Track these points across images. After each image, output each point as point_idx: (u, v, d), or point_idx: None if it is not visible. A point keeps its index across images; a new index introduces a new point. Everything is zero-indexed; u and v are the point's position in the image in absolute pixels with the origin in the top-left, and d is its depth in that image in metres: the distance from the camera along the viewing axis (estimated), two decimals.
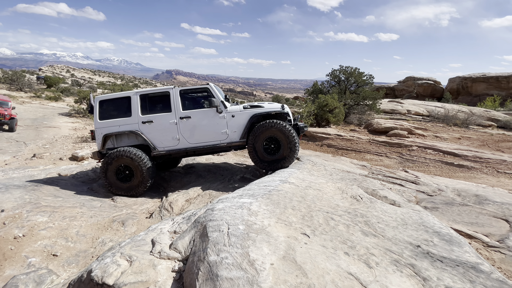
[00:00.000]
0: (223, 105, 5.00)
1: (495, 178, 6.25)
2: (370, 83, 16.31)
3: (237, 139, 5.03)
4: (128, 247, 2.39)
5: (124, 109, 5.12)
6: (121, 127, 5.09)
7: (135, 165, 4.90)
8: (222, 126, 5.02)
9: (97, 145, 5.22)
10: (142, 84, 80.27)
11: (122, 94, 5.22)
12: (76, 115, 17.72)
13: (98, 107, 5.13)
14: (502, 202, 3.78)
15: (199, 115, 5.02)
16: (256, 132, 4.87)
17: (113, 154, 4.92)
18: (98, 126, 5.13)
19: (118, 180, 5.05)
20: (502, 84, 32.61)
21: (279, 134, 4.84)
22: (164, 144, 5.08)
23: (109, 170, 4.98)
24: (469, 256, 2.17)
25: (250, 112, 5.03)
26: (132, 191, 5.01)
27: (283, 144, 4.87)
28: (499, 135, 11.51)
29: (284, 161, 4.92)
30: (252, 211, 2.56)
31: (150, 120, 5.03)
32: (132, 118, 5.07)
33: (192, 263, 1.95)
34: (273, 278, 1.65)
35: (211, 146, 5.07)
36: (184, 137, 5.04)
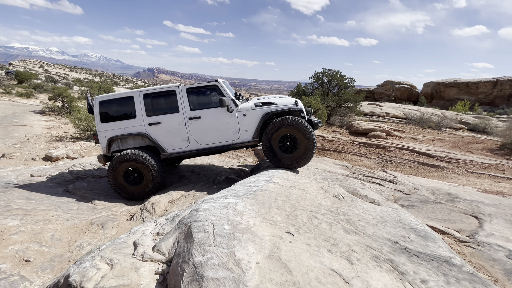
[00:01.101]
0: (234, 103, 4.76)
1: (465, 178, 6.65)
2: (351, 86, 16.80)
3: (250, 138, 4.81)
4: (109, 250, 2.31)
5: (127, 110, 4.82)
6: (126, 130, 4.80)
7: (144, 167, 4.68)
8: (233, 125, 4.78)
9: (101, 149, 4.92)
10: (122, 82, 77.68)
11: (124, 94, 4.90)
12: (50, 113, 16.86)
13: (99, 109, 4.80)
14: (472, 200, 4.03)
15: (209, 115, 4.77)
16: (271, 130, 4.64)
17: (120, 157, 4.66)
18: (101, 129, 4.81)
19: (127, 183, 4.81)
20: (472, 90, 34.76)
21: (296, 131, 4.60)
22: (173, 146, 4.83)
23: (117, 173, 4.72)
24: (443, 251, 2.30)
25: (262, 110, 4.79)
26: (142, 194, 4.81)
27: (301, 141, 4.63)
28: (468, 137, 12.25)
29: (302, 160, 4.68)
30: (238, 211, 2.56)
31: (158, 121, 4.75)
32: (137, 119, 4.78)
33: (177, 265, 1.93)
34: (258, 277, 1.67)
35: (223, 146, 4.84)
36: (195, 139, 4.80)
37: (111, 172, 4.72)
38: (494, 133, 13.36)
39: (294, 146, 4.72)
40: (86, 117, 11.81)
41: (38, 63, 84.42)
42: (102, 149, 4.92)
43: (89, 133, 11.84)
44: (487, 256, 2.67)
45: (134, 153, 4.66)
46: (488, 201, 4.04)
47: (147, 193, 4.82)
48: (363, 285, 1.74)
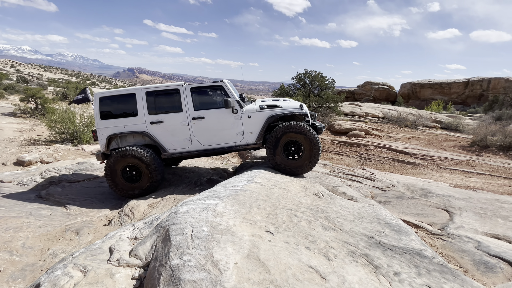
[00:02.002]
0: (239, 105, 4.69)
1: (438, 174, 6.98)
2: (332, 87, 17.18)
3: (253, 141, 4.74)
4: (82, 256, 2.23)
5: (129, 107, 4.68)
6: (127, 128, 4.68)
7: (143, 165, 4.56)
8: (237, 127, 4.70)
9: (100, 146, 4.76)
10: (100, 82, 75.02)
11: (126, 91, 4.76)
12: (22, 115, 15.99)
13: (99, 105, 4.65)
14: (444, 195, 4.23)
15: (213, 115, 4.68)
16: (276, 134, 4.55)
17: (119, 153, 4.53)
18: (100, 126, 4.68)
19: (124, 181, 4.67)
20: (445, 90, 36.55)
21: (301, 137, 4.52)
22: (175, 146, 4.73)
23: (115, 170, 4.59)
24: (415, 244, 2.41)
25: (267, 113, 4.72)
26: (139, 192, 4.68)
27: (305, 148, 4.54)
28: (442, 135, 12.87)
29: (307, 166, 4.58)
30: (218, 212, 2.55)
31: (160, 120, 4.65)
32: (138, 117, 4.66)
33: (154, 269, 1.89)
34: (236, 277, 1.67)
35: (225, 148, 4.78)
36: (197, 139, 4.71)
37: (109, 169, 4.60)
38: (466, 131, 14.12)
39: (298, 151, 4.66)
40: (62, 119, 11.32)
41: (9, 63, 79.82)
42: (100, 147, 4.79)
43: (65, 135, 11.36)
44: (457, 247, 2.82)
45: (134, 150, 4.54)
46: (459, 195, 4.26)
47: (144, 192, 4.71)
48: (339, 280, 1.79)
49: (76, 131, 11.27)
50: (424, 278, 1.93)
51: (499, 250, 2.68)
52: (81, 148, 10.23)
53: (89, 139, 11.38)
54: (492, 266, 2.47)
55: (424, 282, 1.89)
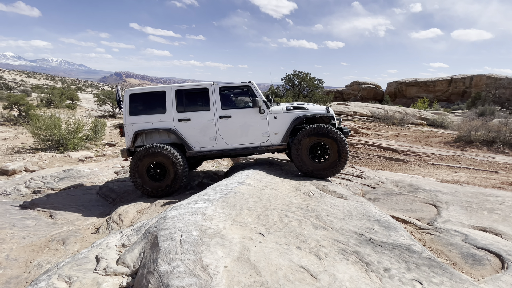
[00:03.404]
0: (266, 105, 4.73)
1: (425, 169, 7.12)
2: (320, 87, 17.38)
3: (278, 142, 4.76)
4: (68, 267, 2.16)
5: (157, 104, 4.71)
6: (154, 124, 4.70)
7: (169, 163, 4.52)
8: (263, 127, 4.74)
9: (126, 142, 4.75)
10: (87, 87, 73.41)
11: (157, 88, 4.81)
12: (5, 123, 15.49)
13: (129, 101, 4.71)
14: (431, 190, 4.32)
15: (240, 115, 4.72)
16: (303, 136, 4.51)
17: (146, 150, 4.49)
18: (128, 122, 4.71)
19: (149, 179, 4.64)
20: (430, 88, 37.51)
21: (329, 140, 4.47)
22: (200, 144, 4.74)
23: (140, 168, 4.56)
24: (404, 239, 2.44)
25: (293, 114, 4.73)
26: (163, 190, 4.64)
27: (333, 151, 4.48)
28: (428, 131, 13.17)
29: (333, 169, 4.51)
30: (207, 215, 2.52)
31: (188, 118, 4.68)
32: (167, 114, 4.69)
33: (142, 276, 1.84)
34: (226, 281, 1.64)
35: (250, 148, 4.79)
36: (223, 138, 4.73)
37: (135, 165, 4.58)
38: (451, 127, 14.50)
39: (324, 154, 4.61)
40: (47, 126, 11.01)
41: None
42: (126, 143, 4.78)
43: (50, 143, 11.05)
44: (445, 241, 2.86)
45: (162, 147, 4.52)
46: (445, 190, 4.35)
47: (167, 191, 4.66)
48: (330, 279, 1.79)
49: (62, 137, 10.98)
50: (413, 273, 1.95)
51: (486, 242, 2.74)
52: (68, 155, 9.97)
53: (75, 145, 11.11)
54: (480, 259, 2.52)
55: (414, 277, 1.90)
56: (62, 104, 24.06)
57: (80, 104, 27.46)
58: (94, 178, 6.47)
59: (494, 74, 33.84)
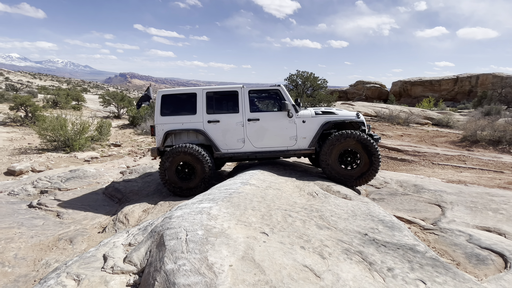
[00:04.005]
0: (295, 109, 4.73)
1: (430, 169, 7.08)
2: (324, 87, 17.33)
3: (306, 146, 4.72)
4: (76, 265, 2.21)
5: (188, 106, 4.85)
6: (184, 125, 4.84)
7: (199, 163, 4.65)
8: (291, 131, 4.74)
9: (156, 142, 4.90)
10: (92, 88, 74.09)
11: (188, 90, 4.95)
12: (12, 123, 15.74)
13: (161, 102, 4.85)
14: (436, 190, 4.30)
15: (268, 118, 4.77)
16: (334, 141, 4.42)
17: (176, 149, 4.62)
18: (159, 122, 4.85)
19: (178, 178, 4.76)
20: (435, 87, 37.14)
21: (361, 147, 4.38)
22: (228, 146, 4.82)
23: (170, 167, 4.70)
24: (408, 239, 2.44)
25: (322, 118, 4.69)
26: (191, 190, 4.74)
27: (364, 158, 4.39)
28: (433, 131, 13.07)
29: (364, 177, 4.40)
30: (212, 215, 2.55)
31: (217, 120, 4.78)
32: (197, 116, 4.81)
33: (148, 274, 1.88)
34: (231, 279, 1.67)
35: (277, 152, 4.82)
36: (250, 141, 4.80)
37: (165, 164, 4.71)
38: (456, 126, 14.36)
39: (354, 161, 4.55)
40: (53, 126, 11.16)
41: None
42: (156, 143, 4.92)
43: (56, 143, 11.20)
44: (449, 241, 2.86)
45: (192, 147, 4.63)
46: (450, 190, 4.33)
47: (195, 191, 4.73)
48: (334, 278, 1.81)
49: (68, 138, 11.12)
50: (417, 273, 1.96)
51: (490, 242, 2.73)
52: (74, 156, 10.10)
53: (81, 146, 11.24)
54: (484, 259, 2.52)
55: (417, 277, 1.91)
56: (68, 105, 24.36)
57: (86, 105, 27.77)
58: (100, 178, 6.56)
59: (500, 73, 33.42)
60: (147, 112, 18.59)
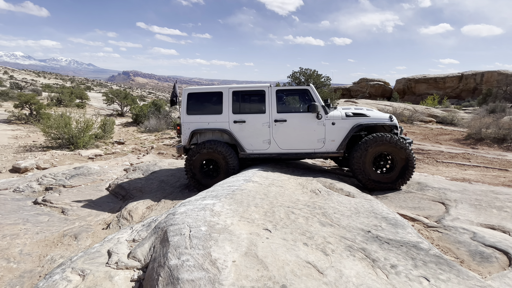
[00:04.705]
0: (324, 110, 4.57)
1: (434, 167, 7.04)
2: (327, 85, 17.22)
3: (334, 149, 4.57)
4: (81, 261, 2.23)
5: (214, 105, 4.82)
6: (210, 124, 4.81)
7: (224, 161, 4.68)
8: (319, 133, 4.58)
9: (182, 140, 4.91)
10: (96, 86, 74.44)
11: (214, 89, 4.93)
12: (17, 121, 15.89)
13: (187, 100, 4.83)
14: (439, 188, 4.27)
15: (295, 119, 4.63)
16: (369, 145, 4.28)
17: (199, 148, 4.67)
18: (185, 121, 4.86)
19: (203, 175, 4.82)
20: (440, 85, 36.80)
21: (396, 151, 4.26)
22: (253, 147, 4.78)
23: (195, 166, 4.77)
24: (411, 237, 2.43)
25: (354, 121, 4.50)
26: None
27: (398, 162, 4.29)
28: (437, 129, 12.97)
29: (398, 182, 4.30)
30: (215, 211, 2.56)
31: (243, 120, 4.72)
32: (223, 115, 4.77)
33: (152, 270, 1.89)
34: (235, 275, 1.68)
35: (303, 154, 4.72)
36: (276, 142, 4.70)
37: (191, 160, 4.76)
38: (461, 124, 14.23)
39: (386, 165, 4.48)
40: (57, 124, 11.25)
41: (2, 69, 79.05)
42: (182, 141, 4.94)
43: (61, 141, 11.30)
44: (453, 239, 2.85)
45: (219, 145, 4.66)
46: (454, 188, 4.30)
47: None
48: (337, 274, 1.81)
49: (72, 136, 11.21)
50: (420, 270, 1.96)
51: (494, 240, 2.71)
52: (78, 153, 10.18)
53: (85, 143, 11.33)
54: (488, 256, 2.50)
55: (421, 274, 1.91)
56: (71, 103, 24.53)
57: (89, 103, 27.93)
58: (104, 175, 6.61)
59: (505, 70, 32.99)
60: (150, 110, 18.64)
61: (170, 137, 13.59)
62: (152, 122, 16.16)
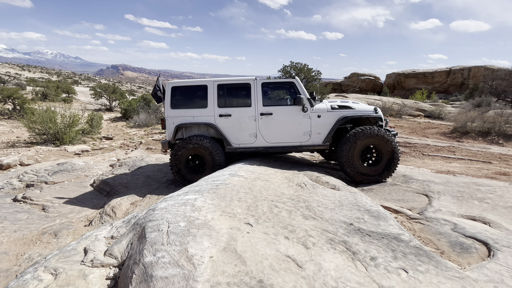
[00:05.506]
0: (310, 103, 4.57)
1: (421, 160, 7.14)
2: (318, 79, 17.23)
3: (320, 142, 4.60)
4: (55, 259, 2.15)
5: (199, 98, 4.71)
6: (195, 119, 4.73)
7: (210, 156, 4.59)
8: (305, 126, 4.59)
9: (167, 135, 4.80)
10: (83, 81, 72.59)
11: (199, 82, 4.80)
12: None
13: (171, 94, 4.72)
14: (424, 180, 4.32)
15: (281, 112, 4.62)
16: (358, 138, 4.30)
17: (185, 143, 4.57)
18: (170, 115, 4.74)
19: (188, 171, 4.72)
20: (428, 79, 37.32)
21: (383, 144, 4.31)
22: (239, 141, 4.72)
23: (180, 161, 4.67)
24: (393, 229, 2.44)
25: (339, 113, 4.54)
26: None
27: (385, 155, 4.36)
28: (425, 123, 13.16)
29: (384, 174, 4.37)
30: (196, 206, 2.51)
31: (228, 114, 4.66)
32: (208, 109, 4.69)
33: (127, 267, 1.84)
34: (211, 271, 1.64)
35: (290, 147, 4.71)
36: (262, 135, 4.67)
37: (175, 156, 4.65)
38: (447, 118, 14.49)
39: (372, 158, 4.52)
40: (42, 119, 10.91)
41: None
42: (167, 136, 4.83)
43: (46, 136, 10.97)
44: (434, 230, 2.88)
45: (204, 140, 4.57)
46: (438, 180, 4.36)
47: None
48: (316, 268, 1.79)
49: (57, 131, 10.89)
50: (399, 262, 1.96)
51: (474, 231, 2.75)
52: (64, 149, 9.91)
53: (72, 139, 11.04)
54: (468, 247, 2.53)
55: (400, 265, 1.91)
56: (57, 98, 23.85)
57: (77, 97, 27.22)
58: (89, 171, 6.44)
59: (492, 65, 33.68)
60: (139, 105, 18.29)
61: (159, 132, 13.39)
62: (141, 117, 15.88)
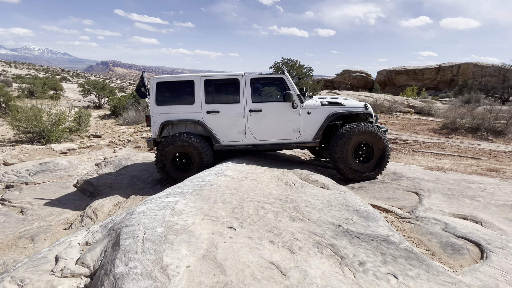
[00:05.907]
0: (299, 99, 4.49)
1: (411, 157, 7.14)
2: (310, 76, 17.16)
3: (310, 139, 4.54)
4: (23, 268, 1.99)
5: (185, 94, 4.53)
6: (182, 115, 4.54)
7: (197, 155, 4.43)
8: (295, 123, 4.51)
9: (152, 133, 4.60)
10: (72, 77, 70.90)
11: (185, 77, 4.60)
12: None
13: (156, 90, 4.52)
14: (414, 177, 4.28)
15: (271, 109, 4.52)
16: (351, 135, 4.25)
17: (173, 139, 4.38)
18: (155, 112, 4.56)
19: (174, 169, 4.56)
20: (419, 76, 37.72)
21: (375, 140, 4.30)
22: (228, 138, 4.58)
23: (166, 158, 4.49)
24: (383, 230, 2.35)
25: (329, 110, 4.49)
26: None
27: (376, 152, 4.36)
28: (415, 119, 13.24)
29: (379, 169, 4.39)
30: (176, 210, 2.37)
31: (216, 110, 4.50)
32: (195, 106, 4.52)
33: (98, 278, 1.70)
34: (186, 282, 1.51)
35: (279, 144, 4.62)
36: (252, 133, 4.56)
37: (161, 154, 4.48)
38: (437, 114, 14.61)
39: (363, 155, 4.49)
40: (27, 117, 10.54)
41: None
42: (152, 134, 4.62)
43: (31, 135, 10.61)
44: (425, 230, 2.81)
45: (191, 138, 4.40)
46: (428, 177, 4.32)
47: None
48: (301, 276, 1.68)
49: (43, 129, 10.54)
50: (389, 266, 1.87)
51: (465, 231, 2.69)
52: (50, 148, 9.59)
53: (58, 137, 10.70)
54: (459, 248, 2.46)
55: (389, 271, 1.82)
56: (44, 95, 23.18)
57: (65, 94, 26.55)
58: (73, 171, 6.22)
59: (481, 62, 34.21)
60: (129, 101, 17.91)
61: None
62: (131, 114, 15.54)
